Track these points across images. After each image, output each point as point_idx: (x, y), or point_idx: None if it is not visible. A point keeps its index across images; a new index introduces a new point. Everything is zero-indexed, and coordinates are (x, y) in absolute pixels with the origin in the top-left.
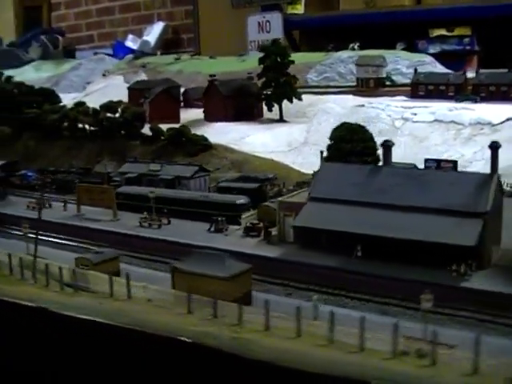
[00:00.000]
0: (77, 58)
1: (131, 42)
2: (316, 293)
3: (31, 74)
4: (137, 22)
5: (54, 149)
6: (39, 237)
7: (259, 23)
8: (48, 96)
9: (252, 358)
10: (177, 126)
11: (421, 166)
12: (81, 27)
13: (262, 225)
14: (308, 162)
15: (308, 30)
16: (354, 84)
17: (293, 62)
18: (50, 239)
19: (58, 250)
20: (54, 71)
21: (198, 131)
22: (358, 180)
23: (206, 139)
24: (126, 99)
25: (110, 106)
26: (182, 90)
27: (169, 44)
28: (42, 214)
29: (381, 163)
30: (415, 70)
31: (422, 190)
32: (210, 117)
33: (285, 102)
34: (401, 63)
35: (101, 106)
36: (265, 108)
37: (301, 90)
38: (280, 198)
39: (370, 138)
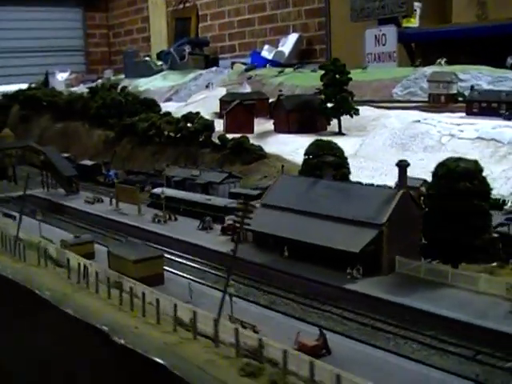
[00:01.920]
0: (219, 66)
1: (267, 52)
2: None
3: (159, 83)
4: (274, 33)
5: (143, 153)
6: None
7: (376, 36)
8: (149, 105)
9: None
10: (250, 135)
11: None
12: (224, 37)
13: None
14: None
15: (422, 43)
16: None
17: (350, 79)
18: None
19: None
20: (178, 81)
21: (263, 141)
22: (299, 190)
23: (261, 149)
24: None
25: (189, 117)
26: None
27: (302, 54)
28: (90, 207)
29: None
30: (472, 87)
31: (342, 202)
32: (277, 129)
33: (348, 117)
34: (483, 79)
35: (181, 116)
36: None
37: (379, 105)
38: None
39: (335, 154)
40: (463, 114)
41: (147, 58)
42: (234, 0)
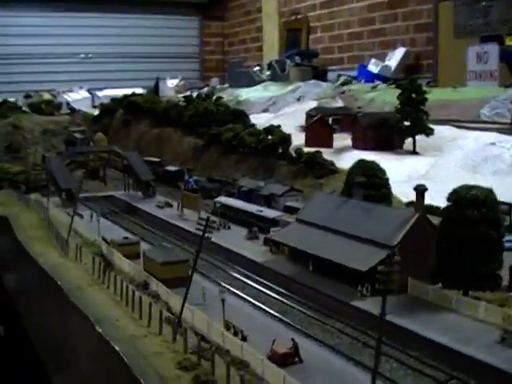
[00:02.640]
0: (328, 78)
1: (373, 66)
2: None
3: (259, 93)
4: (382, 47)
5: (227, 161)
6: None
7: (477, 54)
8: (238, 116)
9: None
10: (328, 150)
11: None
12: (333, 49)
13: None
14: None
15: None
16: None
17: (426, 99)
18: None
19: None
20: (277, 92)
21: (339, 157)
22: (329, 208)
23: (332, 164)
24: None
25: (269, 129)
26: None
27: (409, 69)
28: (158, 211)
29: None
30: None
31: (363, 221)
32: (355, 145)
33: (426, 137)
34: None
35: (263, 129)
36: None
37: (461, 125)
38: (283, 218)
39: (375, 175)
40: None
41: (256, 68)
42: (344, 13)
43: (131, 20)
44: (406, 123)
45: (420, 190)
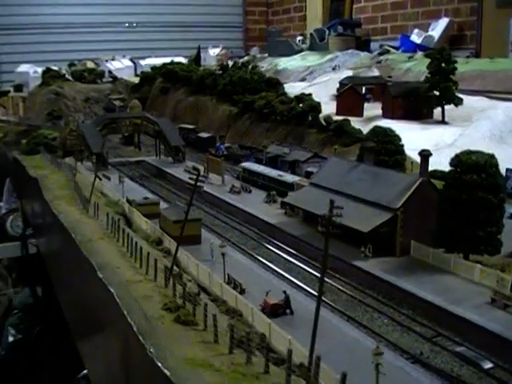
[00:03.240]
0: (371, 48)
1: (416, 36)
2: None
3: (297, 63)
4: (425, 17)
5: (258, 129)
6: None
7: None
8: (273, 84)
9: None
10: (358, 119)
11: None
12: (377, 19)
13: None
14: (440, 163)
15: None
16: None
17: (455, 68)
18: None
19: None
20: (315, 61)
21: (368, 125)
22: (341, 173)
23: (360, 132)
24: None
25: (300, 97)
26: None
27: (452, 40)
28: (185, 175)
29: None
30: None
31: (371, 185)
32: (384, 114)
33: (456, 107)
34: None
35: (294, 97)
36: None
37: (493, 95)
38: (298, 182)
39: (390, 141)
40: None
41: (299, 38)
42: None
43: None
44: (436, 93)
45: (424, 155)
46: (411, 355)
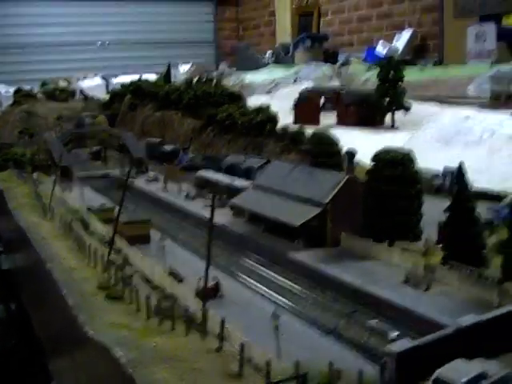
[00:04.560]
0: (338, 61)
1: (381, 47)
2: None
3: (263, 76)
4: (390, 29)
5: (221, 141)
6: None
7: (476, 33)
8: (235, 98)
9: None
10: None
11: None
12: (344, 32)
13: None
14: None
15: None
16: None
17: (403, 76)
18: None
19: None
20: (280, 74)
21: None
22: (281, 174)
23: None
24: None
25: (259, 109)
26: None
27: (416, 50)
28: (146, 185)
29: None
30: None
31: (306, 184)
32: (339, 121)
33: (406, 112)
34: None
35: (253, 109)
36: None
37: (444, 101)
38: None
39: (328, 144)
40: None
41: (269, 52)
42: None
43: (147, 7)
44: (386, 99)
45: (350, 154)
46: (327, 328)
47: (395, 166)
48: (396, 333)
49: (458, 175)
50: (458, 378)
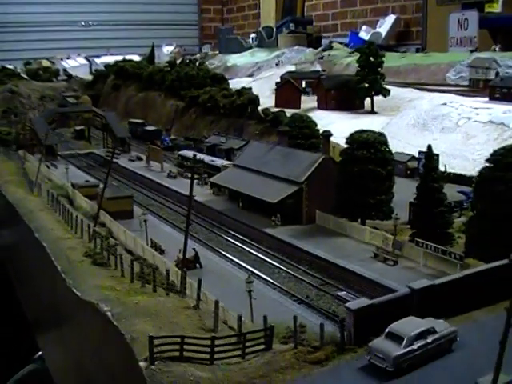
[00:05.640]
0: (321, 45)
1: (364, 33)
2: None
3: (245, 59)
4: (374, 14)
5: (203, 122)
6: None
7: (459, 20)
8: (218, 80)
9: None
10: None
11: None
12: (327, 17)
13: None
14: None
15: (503, 29)
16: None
17: (382, 62)
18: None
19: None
20: (262, 58)
21: None
22: (259, 154)
23: None
24: None
25: (240, 91)
26: None
27: (399, 36)
28: (129, 164)
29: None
30: (497, 73)
31: (283, 164)
32: (319, 105)
33: (385, 98)
34: None
35: (235, 91)
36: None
37: (423, 87)
38: (224, 164)
39: (307, 126)
40: (486, 99)
41: (252, 35)
42: None
43: None
44: (366, 85)
45: (326, 135)
46: (299, 298)
47: (368, 148)
48: (344, 292)
49: (426, 157)
50: (407, 332)
